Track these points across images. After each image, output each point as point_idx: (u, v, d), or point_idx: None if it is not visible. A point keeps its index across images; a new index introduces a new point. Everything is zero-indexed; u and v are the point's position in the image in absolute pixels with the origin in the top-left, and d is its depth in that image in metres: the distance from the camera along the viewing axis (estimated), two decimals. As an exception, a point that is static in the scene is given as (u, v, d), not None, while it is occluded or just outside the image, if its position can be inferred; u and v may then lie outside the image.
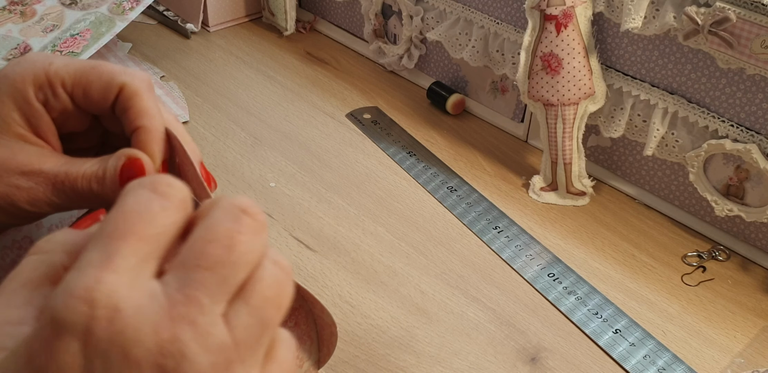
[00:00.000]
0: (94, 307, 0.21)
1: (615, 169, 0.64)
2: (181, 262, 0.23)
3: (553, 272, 0.55)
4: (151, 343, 0.22)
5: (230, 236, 0.23)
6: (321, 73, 0.77)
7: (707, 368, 0.48)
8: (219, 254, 0.23)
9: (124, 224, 0.23)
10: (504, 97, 0.69)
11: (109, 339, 0.21)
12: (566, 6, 0.56)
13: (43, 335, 0.22)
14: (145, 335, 0.22)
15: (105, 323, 0.21)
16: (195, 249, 0.23)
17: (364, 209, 0.60)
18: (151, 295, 0.22)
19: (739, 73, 0.52)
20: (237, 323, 0.23)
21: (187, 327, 0.22)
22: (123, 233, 0.22)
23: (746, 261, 0.57)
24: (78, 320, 0.21)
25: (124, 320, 0.22)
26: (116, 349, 0.21)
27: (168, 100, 0.71)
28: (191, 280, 0.22)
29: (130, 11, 0.72)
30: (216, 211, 0.24)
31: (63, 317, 0.21)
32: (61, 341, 0.21)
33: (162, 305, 0.22)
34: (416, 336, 0.49)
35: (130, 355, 0.22)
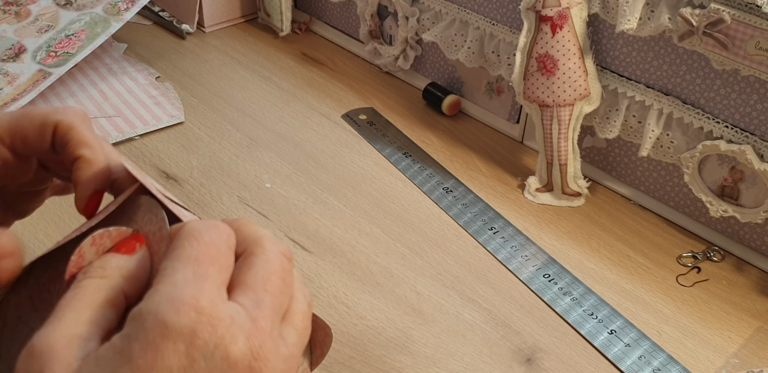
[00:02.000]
0: (202, 313, 0.25)
1: (610, 170, 0.64)
2: (249, 286, 0.28)
3: (548, 273, 0.55)
4: (246, 348, 0.26)
5: (282, 270, 0.29)
6: (317, 73, 0.77)
7: (702, 369, 0.48)
8: (278, 284, 0.28)
9: (208, 254, 0.27)
10: (499, 98, 0.69)
11: (214, 343, 0.25)
12: (561, 7, 0.56)
13: (149, 338, 0.25)
14: (241, 341, 0.26)
15: (210, 328, 0.25)
16: (260, 277, 0.28)
17: (359, 210, 0.60)
18: (237, 310, 0.26)
19: (734, 74, 0.52)
20: (289, 341, 0.28)
21: (267, 337, 0.27)
22: (210, 260, 0.27)
23: (741, 262, 0.57)
24: (188, 324, 0.25)
25: (225, 327, 0.25)
26: (219, 351, 0.25)
27: (163, 101, 0.71)
28: (263, 301, 0.27)
29: (126, 12, 0.72)
30: (269, 252, 0.29)
31: (174, 321, 0.25)
32: (169, 342, 0.24)
33: (247, 320, 0.26)
34: (412, 337, 0.49)
35: (230, 357, 0.25)
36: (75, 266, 0.30)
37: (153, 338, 0.25)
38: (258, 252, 0.29)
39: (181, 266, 0.27)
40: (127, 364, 0.24)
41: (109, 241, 0.31)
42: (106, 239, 0.31)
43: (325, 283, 0.53)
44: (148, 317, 0.25)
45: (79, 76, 0.74)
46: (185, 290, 0.25)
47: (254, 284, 0.28)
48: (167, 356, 0.24)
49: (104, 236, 0.31)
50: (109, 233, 0.31)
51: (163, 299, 0.25)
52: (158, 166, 0.63)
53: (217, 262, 0.27)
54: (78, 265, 0.30)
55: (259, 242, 0.29)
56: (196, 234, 0.28)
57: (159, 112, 0.69)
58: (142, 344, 0.25)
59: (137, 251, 0.30)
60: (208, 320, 0.25)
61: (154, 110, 0.70)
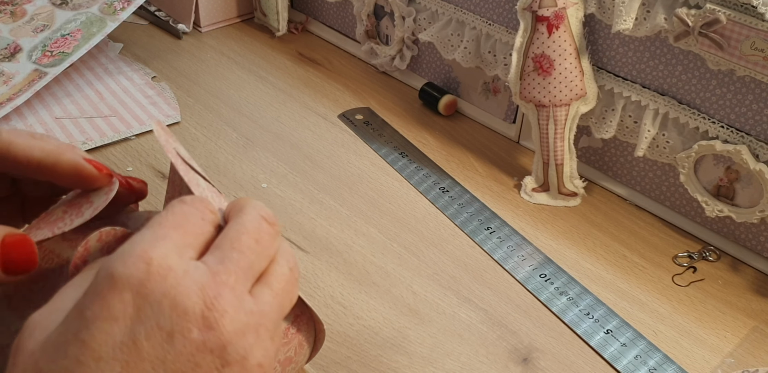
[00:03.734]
0: (151, 264, 0.26)
1: (606, 170, 0.64)
2: (216, 246, 0.28)
3: (544, 273, 0.55)
4: (198, 298, 0.26)
5: (258, 231, 0.29)
6: (313, 73, 0.77)
7: (698, 368, 0.48)
8: (249, 243, 0.28)
9: (173, 220, 0.28)
10: (496, 98, 0.69)
11: (162, 291, 0.26)
12: (558, 7, 0.56)
13: (97, 290, 0.26)
14: (194, 292, 0.26)
15: (159, 278, 0.26)
16: (229, 236, 0.28)
17: (356, 210, 0.60)
18: (195, 265, 0.27)
19: (729, 74, 0.52)
20: (261, 299, 0.28)
21: (228, 290, 0.27)
22: (172, 225, 0.28)
23: (736, 261, 0.57)
24: (135, 274, 0.26)
25: (176, 278, 0.26)
26: (167, 300, 0.26)
27: (159, 101, 0.71)
28: (228, 258, 0.28)
29: (122, 11, 0.72)
30: (245, 215, 0.30)
31: (121, 272, 0.26)
32: (115, 292, 0.25)
33: (206, 273, 0.27)
34: (408, 337, 0.49)
35: (179, 305, 0.26)
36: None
37: (101, 290, 0.26)
38: (236, 217, 0.30)
39: (144, 230, 0.28)
40: (78, 317, 0.25)
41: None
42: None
43: (322, 283, 0.53)
44: (100, 272, 0.26)
45: (75, 76, 0.74)
46: (137, 245, 0.26)
47: (221, 243, 0.28)
48: (113, 306, 0.25)
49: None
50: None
51: (115, 255, 0.26)
52: (154, 166, 0.63)
53: (181, 227, 0.28)
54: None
55: (242, 209, 0.30)
56: (169, 207, 0.29)
57: (155, 112, 0.69)
58: (92, 296, 0.26)
59: None
60: (156, 270, 0.26)
61: (150, 110, 0.70)
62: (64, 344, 0.25)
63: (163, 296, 0.26)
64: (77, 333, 0.25)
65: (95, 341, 0.25)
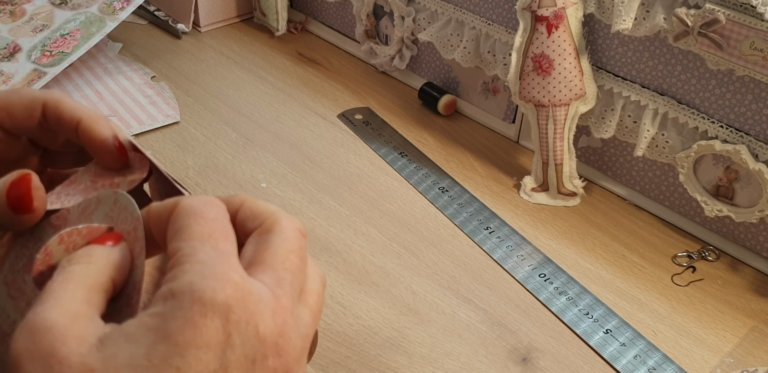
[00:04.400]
0: (236, 289, 0.25)
1: (606, 170, 0.64)
2: (268, 265, 0.28)
3: (544, 273, 0.55)
4: (273, 325, 0.26)
5: (300, 249, 0.29)
6: (312, 73, 0.77)
7: (697, 368, 0.49)
8: (297, 263, 0.28)
9: (218, 228, 0.27)
10: (495, 98, 0.69)
11: (246, 318, 0.25)
12: (557, 7, 0.56)
13: (186, 315, 0.25)
14: (269, 318, 0.26)
15: (243, 303, 0.25)
16: (279, 255, 0.28)
17: (355, 210, 0.60)
18: (261, 287, 0.27)
19: (729, 74, 0.52)
20: (304, 321, 0.28)
21: (289, 315, 0.27)
22: (223, 236, 0.27)
23: (736, 261, 0.57)
24: (223, 300, 0.25)
25: (256, 303, 0.26)
26: (251, 327, 0.25)
27: (159, 101, 0.71)
28: (283, 280, 0.27)
29: (121, 11, 0.72)
30: (286, 229, 0.29)
31: (210, 297, 0.25)
32: (207, 319, 0.25)
33: (271, 297, 0.26)
34: (408, 337, 0.49)
35: (260, 332, 0.26)
36: (42, 264, 0.29)
37: (192, 316, 0.25)
38: (276, 230, 0.29)
39: (199, 245, 0.27)
40: (164, 341, 0.24)
41: (79, 238, 0.30)
42: (76, 237, 0.30)
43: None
44: (183, 296, 0.25)
45: (74, 76, 0.74)
46: (215, 266, 0.26)
47: (274, 262, 0.28)
48: (206, 332, 0.25)
49: (73, 234, 0.30)
50: (78, 230, 0.30)
51: (197, 278, 0.25)
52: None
53: (228, 237, 0.28)
54: (45, 263, 0.30)
55: (276, 219, 0.30)
56: (198, 212, 0.28)
57: (154, 111, 0.69)
58: (180, 321, 0.25)
59: (116, 244, 0.29)
60: (241, 295, 0.25)
61: (150, 110, 0.70)
62: (151, 370, 0.24)
63: (247, 323, 0.25)
64: (168, 359, 0.24)
65: (191, 369, 0.24)
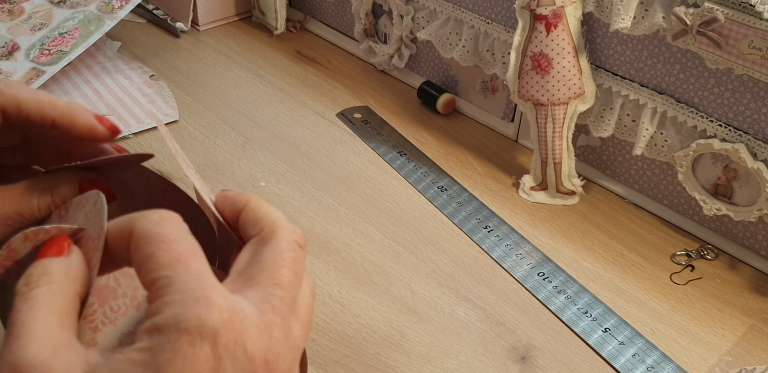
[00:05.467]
0: (220, 311, 0.25)
1: (604, 169, 0.64)
2: (256, 280, 0.27)
3: (543, 271, 0.55)
4: (259, 340, 0.26)
5: (294, 262, 0.28)
6: (311, 72, 0.77)
7: (696, 367, 0.49)
8: (289, 277, 0.28)
9: (184, 250, 0.26)
10: (494, 96, 0.69)
11: (234, 339, 0.25)
12: (556, 6, 0.56)
13: (174, 348, 0.24)
14: (255, 335, 0.26)
15: (229, 325, 0.25)
16: (269, 270, 0.28)
17: (354, 209, 0.60)
18: (244, 304, 0.26)
19: (727, 73, 0.52)
20: (294, 333, 0.28)
21: (278, 330, 0.26)
22: (192, 256, 0.26)
23: (734, 260, 0.57)
24: (209, 324, 0.24)
25: (240, 322, 0.25)
26: (239, 347, 0.25)
27: (158, 99, 0.71)
28: (271, 295, 0.27)
29: (120, 10, 0.72)
30: (281, 241, 0.28)
31: (195, 324, 0.24)
32: (196, 347, 0.24)
33: (256, 313, 0.26)
34: (407, 335, 0.49)
35: (248, 351, 0.25)
36: (8, 260, 0.29)
37: (180, 347, 0.24)
38: (272, 241, 0.29)
39: (172, 273, 0.26)
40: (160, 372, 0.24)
41: (47, 237, 0.29)
42: (43, 236, 0.29)
43: (320, 281, 0.53)
44: (169, 329, 0.24)
45: (73, 75, 0.74)
46: (195, 293, 0.25)
47: (263, 278, 0.27)
48: (196, 361, 0.24)
49: (40, 234, 0.29)
50: (46, 230, 0.29)
51: (179, 309, 0.25)
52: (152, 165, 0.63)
53: (197, 255, 0.27)
54: (10, 259, 0.29)
55: (274, 229, 0.29)
56: (158, 236, 0.27)
57: (153, 110, 0.69)
58: (169, 354, 0.24)
59: (68, 251, 0.28)
60: (227, 316, 0.25)
61: (149, 109, 0.70)
62: None
63: (236, 344, 0.25)
64: None
65: None
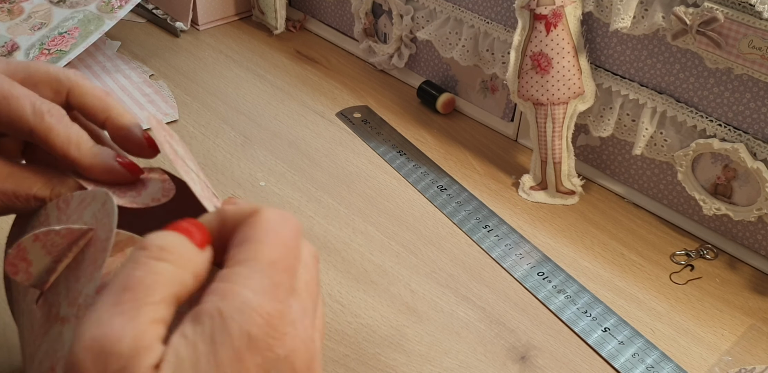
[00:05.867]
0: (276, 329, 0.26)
1: (604, 169, 0.64)
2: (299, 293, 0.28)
3: (542, 271, 0.55)
4: (306, 357, 0.27)
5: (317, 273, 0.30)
6: (311, 72, 0.77)
7: (695, 366, 0.49)
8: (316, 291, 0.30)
9: (285, 258, 0.27)
10: (494, 96, 0.69)
11: (284, 354, 0.26)
12: (556, 6, 0.56)
13: (234, 346, 0.25)
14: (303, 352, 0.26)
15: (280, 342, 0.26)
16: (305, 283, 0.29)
17: (354, 208, 0.60)
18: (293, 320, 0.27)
19: (727, 72, 0.52)
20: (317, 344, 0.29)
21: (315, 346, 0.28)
22: (286, 267, 0.27)
23: (734, 260, 0.57)
24: (264, 339, 0.25)
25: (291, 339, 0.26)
26: (288, 363, 0.26)
27: (157, 99, 0.71)
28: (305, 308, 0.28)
29: (119, 9, 0.72)
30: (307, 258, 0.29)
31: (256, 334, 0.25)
32: (250, 354, 0.25)
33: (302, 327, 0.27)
34: (406, 335, 0.49)
35: (294, 364, 0.26)
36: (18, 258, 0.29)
37: (239, 348, 0.25)
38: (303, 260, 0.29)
39: (259, 269, 0.26)
40: (215, 369, 0.24)
41: (58, 238, 0.29)
42: (53, 236, 0.29)
43: (320, 281, 0.53)
44: (232, 324, 0.25)
45: (73, 74, 0.73)
46: (263, 300, 0.25)
47: (302, 290, 0.28)
48: (250, 369, 0.25)
49: (50, 234, 0.29)
50: (56, 231, 0.29)
51: (246, 308, 0.25)
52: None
53: (289, 269, 0.27)
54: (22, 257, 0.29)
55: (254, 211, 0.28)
56: (277, 231, 0.27)
57: (153, 110, 0.69)
58: (229, 352, 0.25)
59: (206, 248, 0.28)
60: (281, 333, 0.26)
61: (148, 108, 0.70)
62: None
63: (286, 359, 0.26)
64: None
65: None
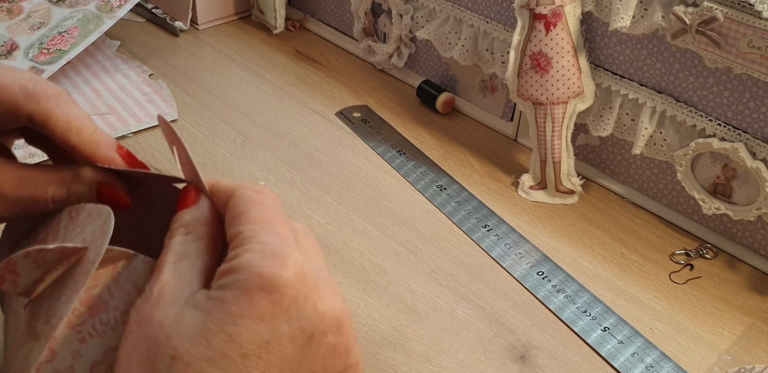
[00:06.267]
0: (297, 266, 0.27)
1: (603, 168, 0.64)
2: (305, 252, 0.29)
3: (542, 271, 0.55)
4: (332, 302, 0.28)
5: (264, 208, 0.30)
6: (310, 71, 0.77)
7: (694, 366, 0.49)
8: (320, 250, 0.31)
9: (275, 213, 0.29)
10: (493, 95, 0.69)
11: (305, 294, 0.27)
12: (555, 5, 0.56)
13: (244, 287, 0.26)
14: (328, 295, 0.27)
15: (303, 280, 0.27)
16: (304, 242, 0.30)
17: (353, 208, 0.60)
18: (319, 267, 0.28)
19: (727, 72, 0.52)
20: None
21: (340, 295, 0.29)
22: (281, 220, 0.29)
23: (733, 259, 0.57)
24: (284, 276, 0.26)
25: (315, 280, 0.27)
26: (310, 303, 0.27)
27: (157, 98, 0.71)
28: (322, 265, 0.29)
29: (119, 9, 0.72)
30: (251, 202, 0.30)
31: (269, 272, 0.26)
32: (263, 292, 0.26)
33: (329, 277, 0.28)
34: (406, 335, 0.49)
35: (319, 308, 0.27)
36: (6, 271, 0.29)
37: (248, 288, 0.26)
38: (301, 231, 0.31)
39: (259, 228, 0.28)
40: (220, 307, 0.26)
41: (50, 255, 0.29)
42: (46, 254, 0.29)
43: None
44: (243, 271, 0.26)
45: (72, 74, 0.73)
46: (275, 246, 0.27)
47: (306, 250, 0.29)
48: (261, 305, 0.26)
49: (43, 252, 0.29)
50: (50, 250, 0.29)
51: (257, 256, 0.26)
52: (151, 164, 0.63)
53: (285, 222, 0.29)
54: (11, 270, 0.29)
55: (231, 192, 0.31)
56: (256, 199, 0.29)
57: (152, 109, 0.69)
58: (236, 292, 0.26)
59: (199, 199, 0.31)
60: (301, 271, 0.26)
61: (147, 108, 0.69)
62: (206, 333, 0.26)
63: (307, 299, 0.26)
64: (222, 325, 0.26)
65: (243, 337, 0.26)
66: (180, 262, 0.29)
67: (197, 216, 0.30)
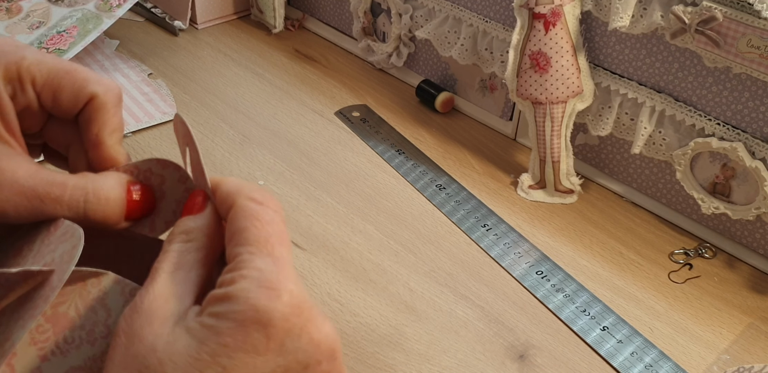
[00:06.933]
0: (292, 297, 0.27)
1: (603, 168, 0.64)
2: None
3: (541, 270, 0.55)
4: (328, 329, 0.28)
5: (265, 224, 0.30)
6: (310, 70, 0.77)
7: (694, 365, 0.49)
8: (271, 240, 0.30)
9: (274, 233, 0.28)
10: (493, 95, 0.69)
11: (301, 326, 0.27)
12: (554, 5, 0.56)
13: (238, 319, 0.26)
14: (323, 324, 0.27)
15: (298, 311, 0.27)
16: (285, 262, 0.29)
17: (352, 207, 0.60)
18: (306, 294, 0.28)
19: (726, 71, 0.52)
20: None
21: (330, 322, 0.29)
22: (280, 241, 0.28)
23: (732, 258, 0.57)
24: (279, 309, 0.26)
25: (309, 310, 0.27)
26: (306, 334, 0.27)
27: (156, 98, 0.71)
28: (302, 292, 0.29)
29: (118, 8, 0.72)
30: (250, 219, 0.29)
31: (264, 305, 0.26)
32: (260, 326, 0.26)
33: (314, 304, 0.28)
34: (405, 334, 0.49)
35: (314, 338, 0.27)
36: None
37: (243, 320, 0.26)
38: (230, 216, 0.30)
39: (256, 251, 0.28)
40: (214, 338, 0.26)
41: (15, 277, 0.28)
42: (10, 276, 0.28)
43: (318, 280, 0.53)
44: (239, 301, 0.26)
45: (71, 73, 0.73)
46: (271, 275, 0.27)
47: None
48: (256, 339, 0.26)
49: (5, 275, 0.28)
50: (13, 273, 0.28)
51: (253, 285, 0.26)
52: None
53: (284, 241, 0.28)
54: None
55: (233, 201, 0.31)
56: (255, 214, 0.29)
57: (151, 109, 0.69)
58: (232, 324, 0.26)
59: (205, 208, 0.31)
60: (296, 302, 0.26)
61: (147, 107, 0.69)
62: (199, 363, 0.25)
63: (302, 330, 0.26)
64: (216, 357, 0.25)
65: (237, 370, 0.26)
66: (176, 272, 0.28)
67: (201, 225, 0.30)
